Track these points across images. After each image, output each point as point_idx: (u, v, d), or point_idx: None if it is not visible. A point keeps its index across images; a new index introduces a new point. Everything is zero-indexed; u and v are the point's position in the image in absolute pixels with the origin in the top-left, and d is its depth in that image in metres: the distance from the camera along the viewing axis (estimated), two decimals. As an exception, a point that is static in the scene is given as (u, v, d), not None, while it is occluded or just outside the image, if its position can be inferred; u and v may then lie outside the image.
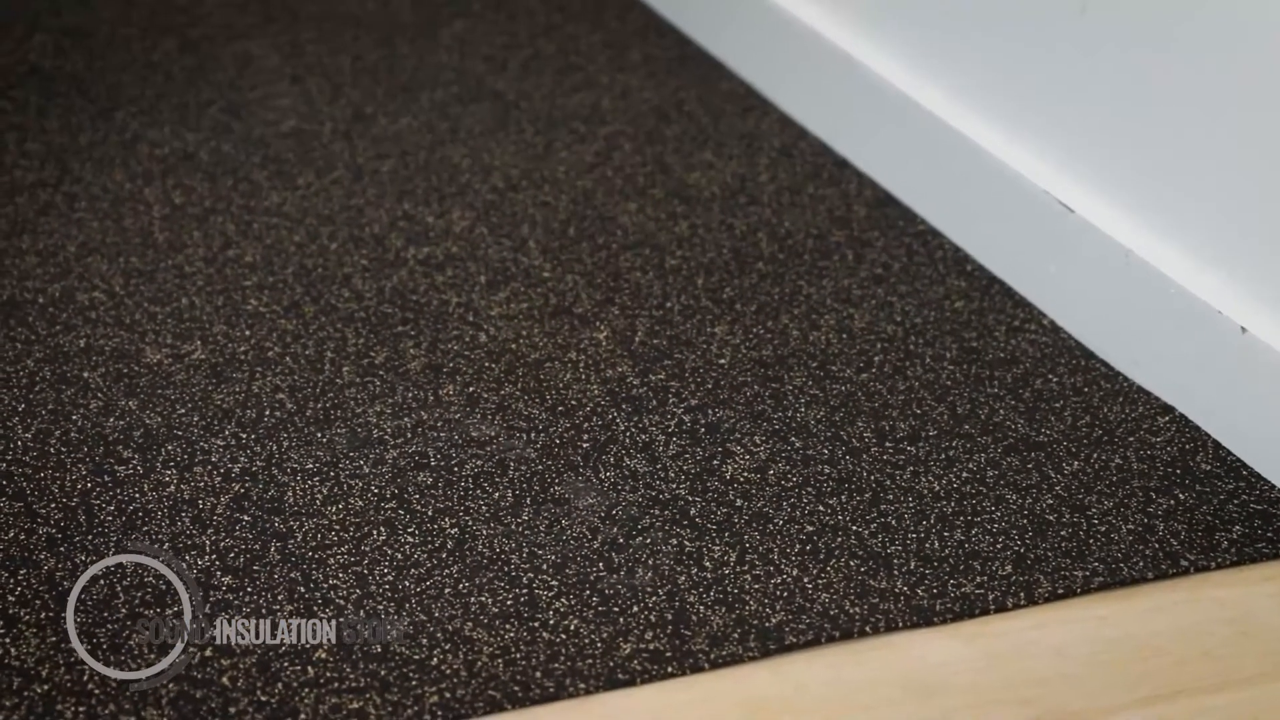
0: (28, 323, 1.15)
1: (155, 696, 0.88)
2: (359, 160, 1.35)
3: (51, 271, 1.20)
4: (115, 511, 1.00)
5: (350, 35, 1.54)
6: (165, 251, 1.23)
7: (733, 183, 1.35)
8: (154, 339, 1.14)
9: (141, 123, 1.38)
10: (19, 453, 1.04)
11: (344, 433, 1.07)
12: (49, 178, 1.30)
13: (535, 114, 1.44)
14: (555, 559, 0.98)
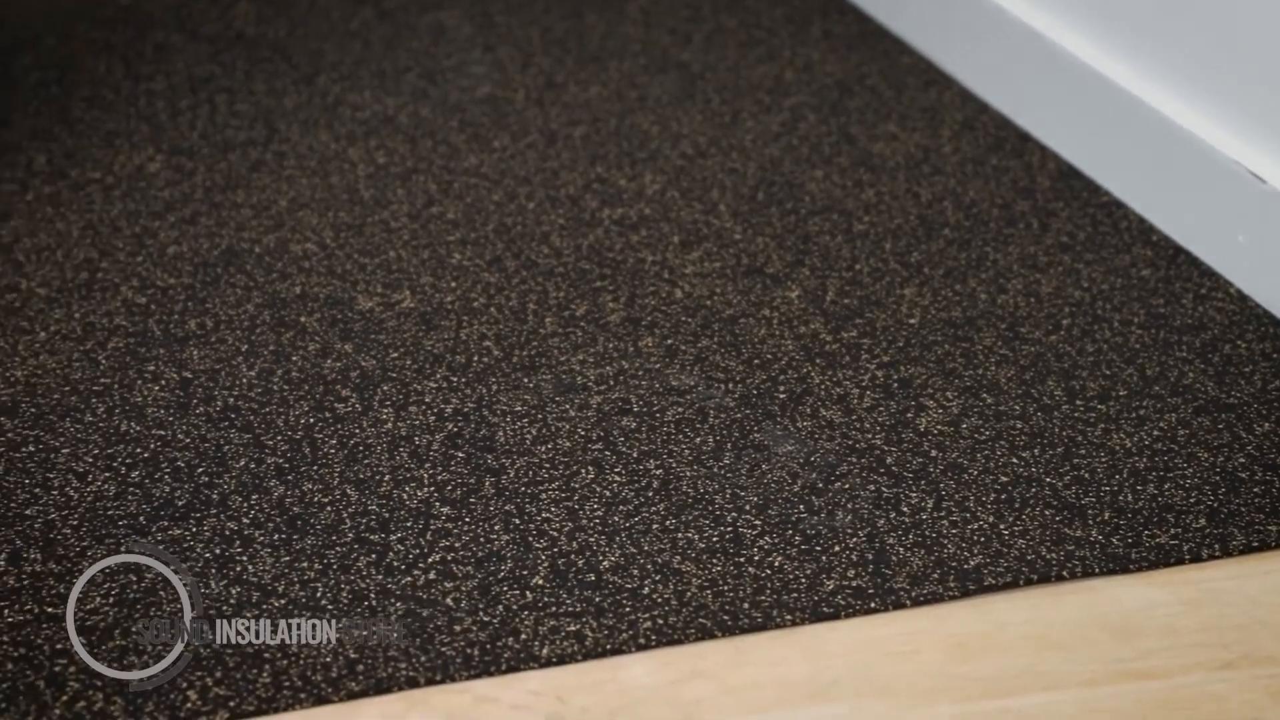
0: (246, 270, 1.20)
1: (385, 612, 0.92)
2: (552, 126, 1.40)
3: (266, 224, 1.26)
4: (337, 445, 1.05)
5: (540, 7, 1.58)
6: (371, 207, 1.28)
7: (916, 153, 1.38)
8: (365, 288, 1.19)
9: (343, 87, 1.44)
10: (244, 389, 1.09)
11: (549, 379, 1.12)
12: (258, 137, 1.36)
13: (720, 85, 1.47)
14: (757, 500, 1.02)
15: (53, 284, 1.17)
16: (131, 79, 1.42)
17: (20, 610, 0.92)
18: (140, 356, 1.11)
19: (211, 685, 0.88)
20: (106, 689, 0.87)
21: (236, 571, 0.95)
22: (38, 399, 1.07)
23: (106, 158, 1.32)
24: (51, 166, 1.30)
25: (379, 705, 0.87)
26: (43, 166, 1.30)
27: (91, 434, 1.05)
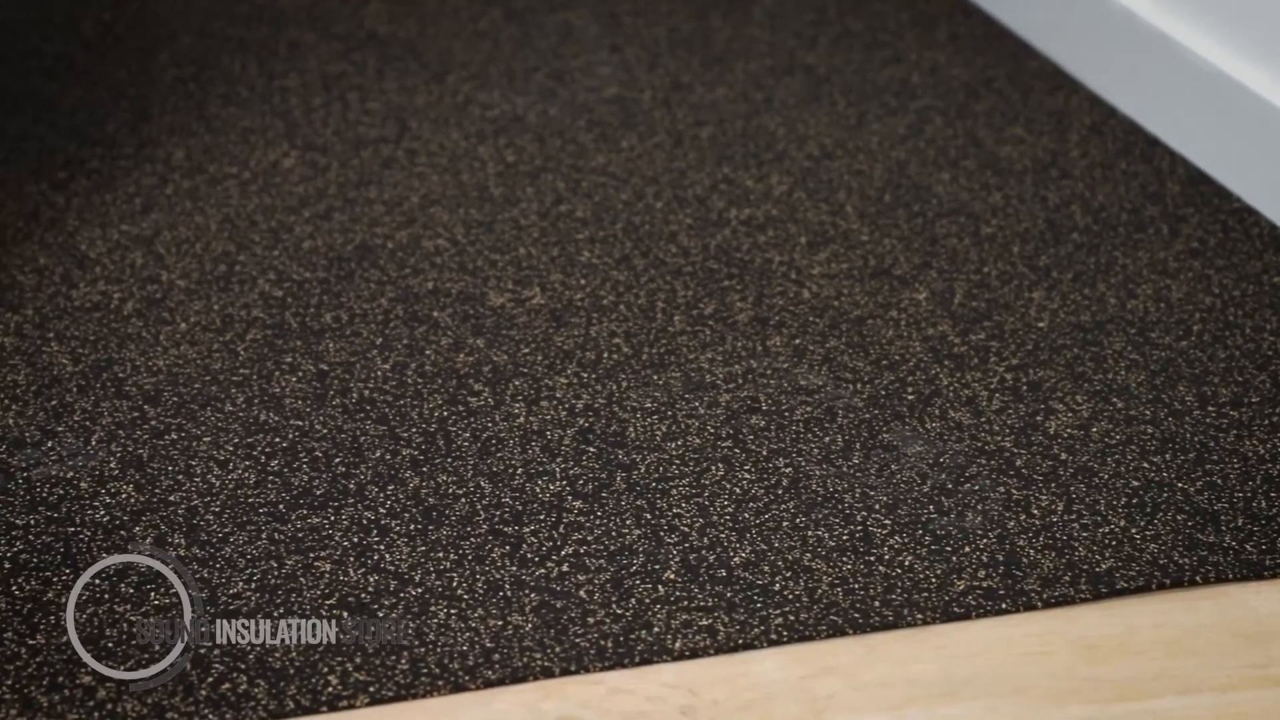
0: (379, 265, 1.22)
1: (519, 604, 0.94)
2: (679, 126, 1.41)
3: (398, 219, 1.27)
4: (470, 438, 1.06)
5: (666, 9, 1.59)
6: (501, 205, 1.30)
7: (1044, 157, 1.38)
8: (496, 284, 1.21)
9: (473, 86, 1.45)
10: (379, 382, 1.11)
11: (678, 376, 1.13)
12: (390, 134, 1.38)
13: (846, 87, 1.48)
14: (887, 500, 1.02)
15: (192, 276, 1.20)
16: (266, 77, 1.45)
17: (166, 594, 0.94)
18: (278, 348, 1.13)
19: (352, 671, 0.90)
20: (250, 672, 0.89)
21: (374, 560, 0.97)
22: (179, 388, 1.09)
23: (243, 153, 1.34)
24: (190, 161, 1.33)
25: (515, 694, 0.89)
26: (181, 161, 1.33)
27: (232, 423, 1.07)
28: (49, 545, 0.97)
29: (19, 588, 0.94)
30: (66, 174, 1.30)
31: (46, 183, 1.29)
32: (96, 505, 1.00)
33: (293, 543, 0.98)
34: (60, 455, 1.03)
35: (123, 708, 0.87)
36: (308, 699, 0.88)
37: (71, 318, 1.15)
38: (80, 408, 1.07)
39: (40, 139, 1.34)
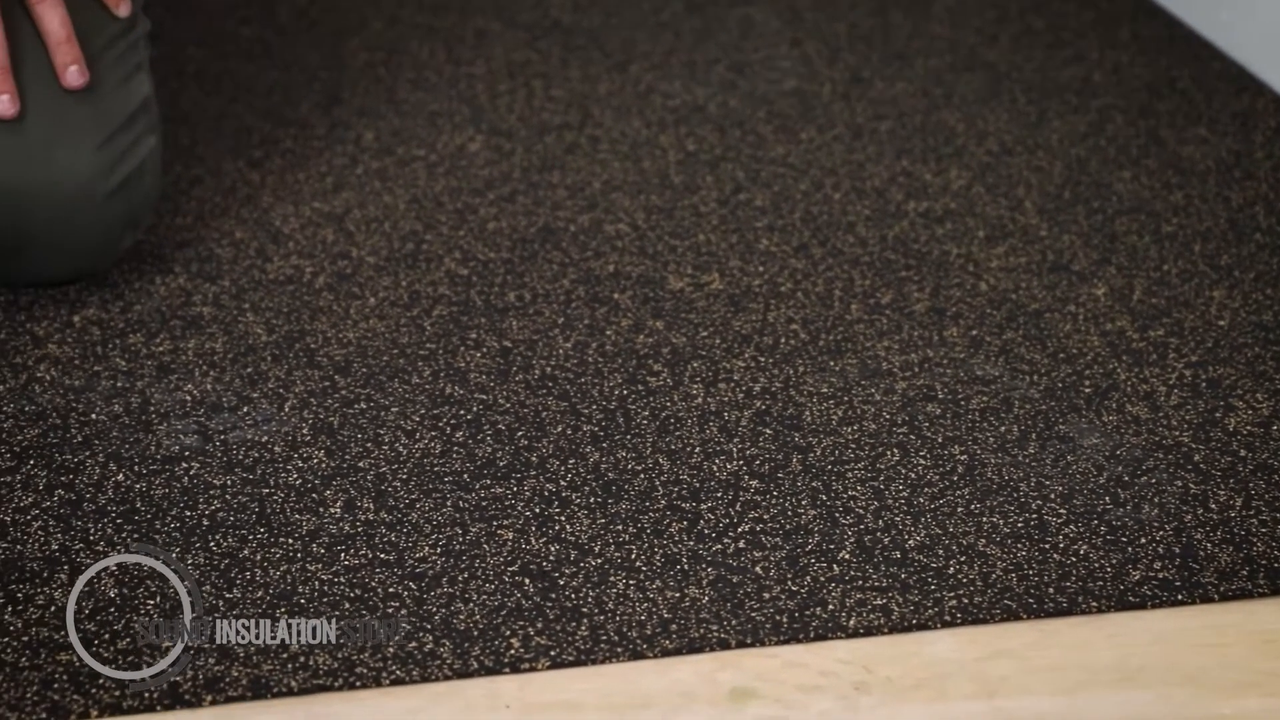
0: (562, 247, 1.25)
1: (696, 577, 0.96)
2: (858, 120, 1.42)
3: (580, 204, 1.30)
4: (649, 416, 1.08)
5: (846, 4, 1.61)
6: (681, 192, 1.32)
7: (1227, 158, 1.37)
8: (675, 268, 1.23)
9: (654, 76, 1.48)
10: (561, 360, 1.13)
11: (855, 363, 1.14)
12: (573, 121, 1.41)
13: (1027, 85, 1.48)
14: (1062, 490, 1.03)
15: (381, 253, 1.23)
16: (453, 63, 1.48)
17: (355, 554, 0.97)
18: (463, 324, 1.16)
19: (533, 635, 0.92)
20: (435, 632, 0.92)
21: (555, 530, 0.99)
22: (368, 360, 1.13)
23: (430, 136, 1.37)
24: (379, 143, 1.36)
25: (691, 663, 0.91)
26: (371, 143, 1.36)
27: (418, 395, 1.10)
28: (244, 505, 1.01)
29: (216, 544, 0.98)
30: (262, 153, 1.34)
31: (243, 161, 1.33)
32: (289, 469, 1.03)
33: (476, 511, 1.01)
34: (255, 420, 1.07)
35: (314, 660, 0.90)
36: (490, 660, 0.91)
37: (266, 290, 1.19)
38: (274, 376, 1.11)
39: (237, 119, 1.39)
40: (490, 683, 0.90)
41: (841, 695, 0.89)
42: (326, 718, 0.87)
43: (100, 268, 1.17)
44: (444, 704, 0.88)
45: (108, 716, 0.87)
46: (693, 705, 0.88)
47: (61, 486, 1.01)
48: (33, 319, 1.14)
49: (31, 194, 1.10)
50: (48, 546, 0.97)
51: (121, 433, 1.06)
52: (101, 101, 1.12)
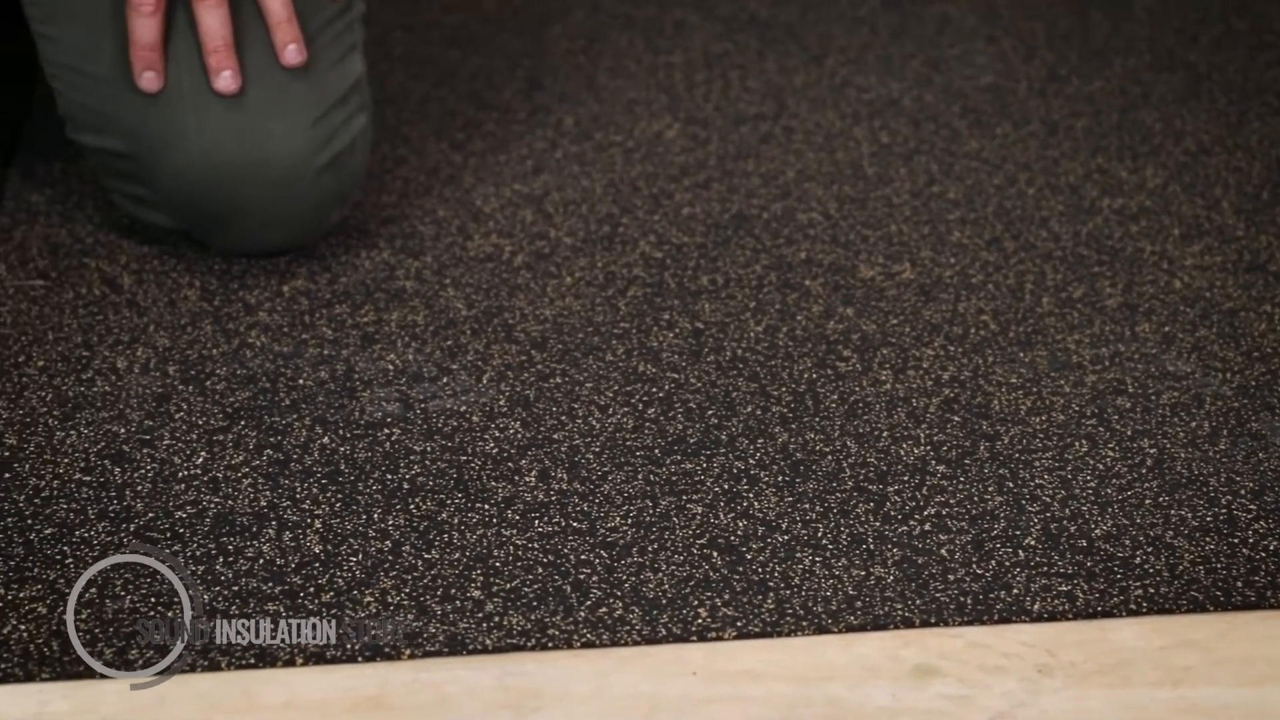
0: (754, 234, 1.27)
1: (882, 557, 0.97)
2: (1054, 116, 1.42)
3: (774, 192, 1.32)
4: (838, 400, 1.10)
5: (1044, 2, 1.61)
6: (874, 183, 1.33)
7: None
8: (867, 257, 1.24)
9: (850, 70, 1.49)
10: (751, 342, 1.15)
11: (1045, 355, 1.14)
12: (768, 112, 1.42)
13: (1228, 85, 1.47)
14: (1253, 486, 1.02)
15: (578, 234, 1.26)
16: (652, 53, 1.51)
17: (549, 522, 1.00)
18: (656, 305, 1.19)
19: (720, 606, 0.94)
20: (625, 599, 0.95)
21: (743, 507, 1.01)
22: (564, 336, 1.16)
23: (628, 123, 1.40)
24: (578, 128, 1.39)
25: (876, 640, 0.92)
26: (570, 128, 1.39)
27: (612, 372, 1.12)
28: (443, 471, 1.04)
29: (416, 507, 1.01)
30: (464, 135, 1.38)
31: (446, 142, 1.37)
32: (486, 438, 1.07)
33: (666, 485, 1.03)
34: (454, 390, 1.10)
35: (509, 621, 0.93)
36: (678, 628, 0.93)
37: (466, 266, 1.22)
38: (473, 349, 1.14)
39: (441, 102, 1.43)
40: (678, 649, 0.92)
41: (1025, 677, 0.90)
42: (519, 675, 0.90)
43: (309, 240, 1.21)
44: (632, 667, 0.91)
45: (312, 665, 0.91)
46: (876, 680, 0.90)
47: (270, 447, 1.05)
48: (245, 287, 1.19)
49: (248, 167, 1.14)
50: (256, 503, 1.01)
51: (327, 398, 1.09)
52: (317, 80, 1.16)
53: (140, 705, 0.88)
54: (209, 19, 1.12)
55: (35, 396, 1.08)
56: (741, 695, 0.89)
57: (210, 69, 1.13)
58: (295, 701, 0.89)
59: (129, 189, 1.18)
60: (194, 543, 0.98)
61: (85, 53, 1.15)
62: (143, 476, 1.02)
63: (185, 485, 1.02)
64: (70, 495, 1.01)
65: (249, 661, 0.90)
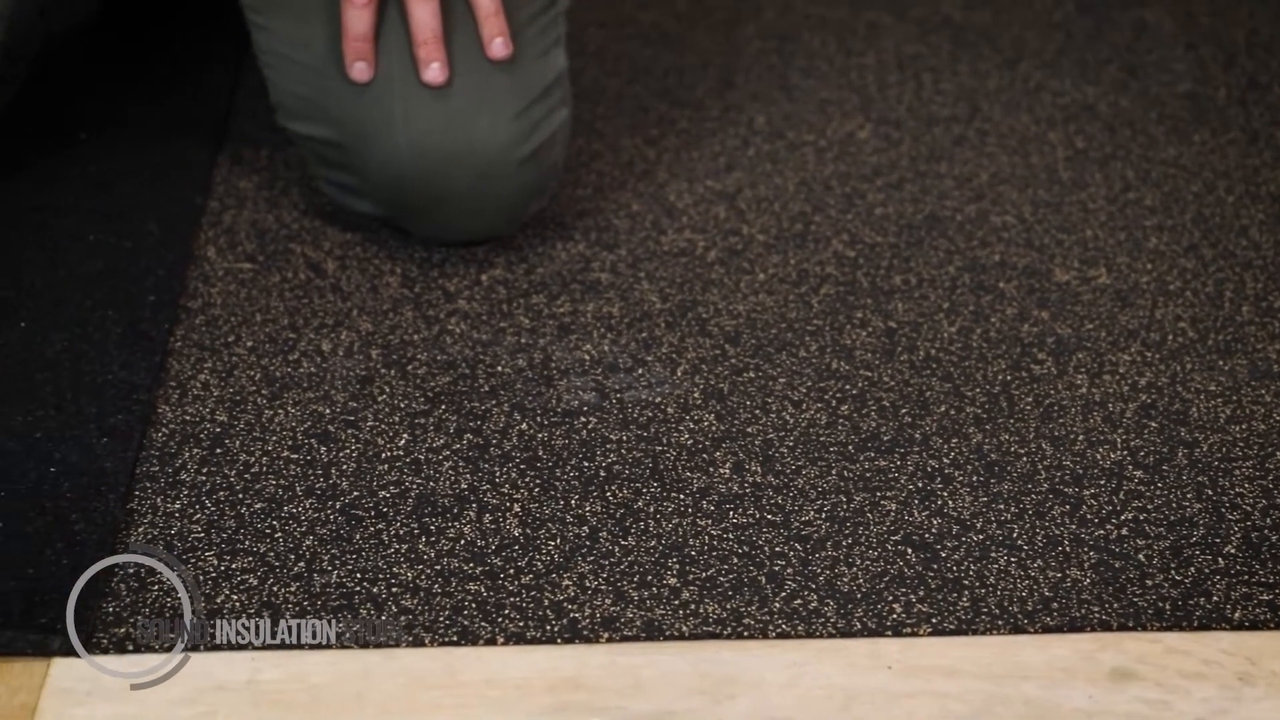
0: (948, 235, 1.27)
1: (1078, 559, 0.97)
2: (1254, 125, 1.40)
3: (967, 194, 1.32)
4: (1033, 403, 1.10)
5: (1246, 10, 1.58)
6: (1069, 188, 1.32)
7: None
8: (1062, 261, 1.24)
9: (1044, 74, 1.48)
10: (945, 343, 1.15)
11: (1244, 364, 1.13)
12: (961, 114, 1.42)
13: None
14: None
15: (770, 232, 1.27)
16: (844, 53, 1.51)
17: (744, 514, 1.01)
18: (849, 304, 1.19)
19: (915, 602, 0.94)
20: (820, 591, 0.95)
21: (938, 505, 1.01)
22: (757, 332, 1.16)
23: (820, 123, 1.41)
24: (770, 127, 1.40)
25: (1071, 642, 0.92)
26: (762, 126, 1.40)
27: (805, 368, 1.13)
28: (639, 460, 1.05)
29: (612, 494, 1.02)
30: (658, 131, 1.39)
31: (640, 138, 1.38)
32: (681, 429, 1.08)
33: (860, 481, 1.04)
34: (650, 382, 1.12)
35: (705, 609, 0.94)
36: (873, 622, 0.93)
37: (660, 260, 1.24)
38: (668, 341, 1.16)
39: (635, 98, 1.44)
40: (872, 643, 0.92)
41: (1225, 685, 0.89)
42: (714, 663, 0.91)
43: (508, 231, 1.23)
44: (827, 659, 0.91)
45: (512, 645, 0.92)
46: (1072, 681, 0.89)
47: (470, 431, 1.07)
48: (445, 275, 1.21)
49: (453, 157, 1.17)
50: (457, 485, 1.03)
51: (525, 385, 1.11)
52: (521, 73, 1.18)
53: (345, 675, 0.90)
54: (420, 11, 1.14)
55: (244, 375, 1.11)
56: (937, 691, 0.90)
57: (419, 60, 1.15)
58: (496, 680, 0.90)
59: (336, 176, 1.21)
60: (397, 521, 1.00)
61: (297, 42, 1.19)
62: (347, 456, 1.05)
63: (388, 466, 1.04)
64: (278, 472, 1.04)
65: (451, 639, 0.92)
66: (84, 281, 1.17)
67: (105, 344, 1.11)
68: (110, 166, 1.28)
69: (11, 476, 1.00)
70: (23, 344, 1.11)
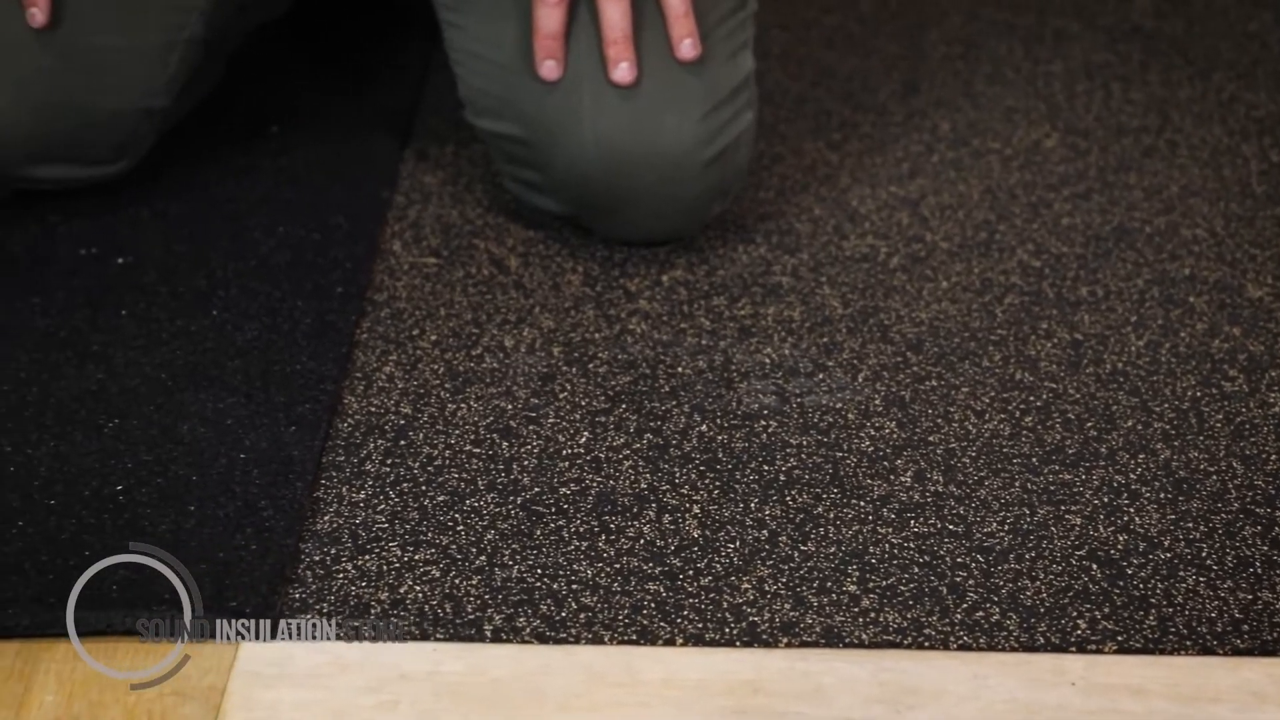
0: (1135, 247, 1.25)
1: (1270, 581, 0.94)
2: None
3: (1156, 206, 1.29)
4: (1223, 420, 1.07)
5: None
6: (1263, 202, 1.30)
7: None
8: (1254, 277, 1.21)
9: (1238, 85, 1.45)
10: (1132, 357, 1.13)
11: None
12: (1151, 124, 1.40)
13: None
14: None
15: (954, 239, 1.26)
16: (1031, 61, 1.49)
17: (925, 523, 1.00)
18: (1034, 314, 1.18)
19: (1100, 619, 0.93)
20: (1002, 604, 0.94)
21: (1124, 521, 1.00)
22: (940, 340, 1.15)
23: (1005, 131, 1.39)
24: (955, 134, 1.39)
25: (1264, 665, 0.90)
26: (947, 133, 1.39)
27: (988, 377, 1.12)
28: (819, 465, 1.05)
29: (792, 499, 1.02)
30: (841, 136, 1.39)
31: (823, 142, 1.38)
32: (862, 436, 1.07)
33: (1044, 494, 1.02)
34: (830, 387, 1.11)
35: (884, 617, 0.93)
36: (1057, 637, 0.92)
37: (842, 265, 1.23)
38: (849, 347, 1.15)
39: (818, 102, 1.44)
40: (1056, 659, 0.91)
41: None
42: (895, 672, 0.90)
43: (689, 232, 1.23)
44: (1011, 674, 0.90)
45: (691, 646, 0.92)
46: (1264, 706, 0.87)
47: (650, 431, 1.07)
48: (626, 275, 1.22)
49: (639, 157, 1.17)
50: (637, 484, 1.03)
51: (705, 387, 1.11)
52: (710, 74, 1.18)
53: (526, 669, 0.91)
54: (612, 11, 1.15)
55: (429, 369, 1.12)
56: (1121, 710, 0.88)
57: (609, 60, 1.15)
58: (674, 680, 0.90)
59: (522, 173, 1.22)
60: (577, 519, 1.00)
61: (488, 40, 1.19)
62: (529, 452, 1.06)
63: (569, 463, 1.05)
64: (461, 465, 1.04)
65: (630, 638, 0.92)
66: (274, 272, 1.19)
67: (294, 334, 1.13)
68: (300, 159, 1.30)
69: (204, 462, 1.02)
70: (215, 332, 1.13)
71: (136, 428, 1.05)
